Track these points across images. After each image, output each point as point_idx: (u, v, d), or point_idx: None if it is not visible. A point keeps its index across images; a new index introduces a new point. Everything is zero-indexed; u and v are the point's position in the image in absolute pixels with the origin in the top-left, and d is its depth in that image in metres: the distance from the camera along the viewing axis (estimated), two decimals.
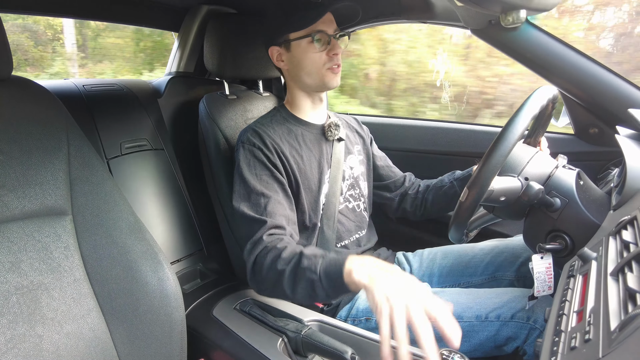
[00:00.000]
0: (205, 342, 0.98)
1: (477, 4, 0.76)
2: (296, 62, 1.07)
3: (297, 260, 0.85)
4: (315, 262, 0.82)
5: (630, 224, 0.59)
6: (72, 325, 0.74)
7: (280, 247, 0.89)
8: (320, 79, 1.07)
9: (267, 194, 0.98)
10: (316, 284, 0.81)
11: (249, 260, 0.92)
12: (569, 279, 0.62)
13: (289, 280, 0.85)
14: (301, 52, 1.05)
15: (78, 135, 0.82)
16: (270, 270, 0.88)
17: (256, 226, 0.94)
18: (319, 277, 0.81)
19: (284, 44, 1.06)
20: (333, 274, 0.79)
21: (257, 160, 1.01)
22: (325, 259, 0.82)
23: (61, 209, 0.77)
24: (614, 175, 0.99)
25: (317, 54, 1.05)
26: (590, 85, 1.08)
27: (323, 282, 0.80)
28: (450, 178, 1.21)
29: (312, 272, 0.81)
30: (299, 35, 1.04)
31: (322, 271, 0.80)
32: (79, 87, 1.30)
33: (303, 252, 0.85)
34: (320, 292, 0.82)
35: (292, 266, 0.85)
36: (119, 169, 1.23)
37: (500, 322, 0.90)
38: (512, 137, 0.78)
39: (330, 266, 0.80)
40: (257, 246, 0.92)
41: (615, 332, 0.40)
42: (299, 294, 0.85)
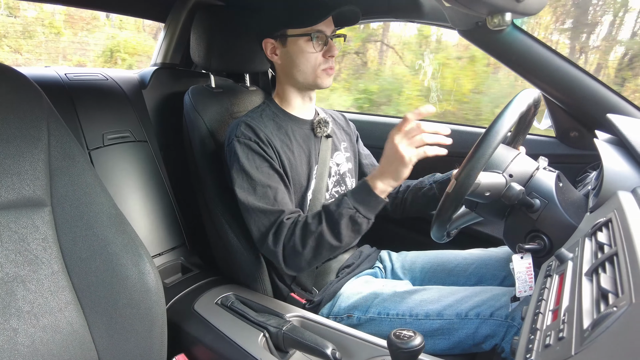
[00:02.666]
0: (186, 337, 0.98)
1: (464, 6, 0.77)
2: (290, 59, 1.06)
3: (325, 212, 0.94)
4: (344, 201, 0.92)
5: (606, 226, 0.61)
6: (49, 318, 0.73)
7: (300, 220, 0.96)
8: (313, 79, 1.07)
9: (272, 185, 1.00)
10: (356, 215, 0.92)
11: (277, 248, 0.96)
12: (546, 278, 0.64)
13: (330, 233, 0.92)
14: (297, 49, 1.04)
15: (59, 125, 0.80)
16: (307, 238, 0.93)
17: (273, 217, 0.97)
18: (354, 209, 0.91)
19: (280, 38, 1.05)
20: (367, 197, 0.92)
21: (255, 153, 1.01)
22: (349, 194, 0.93)
23: (40, 200, 0.75)
24: (592, 178, 1.01)
25: (314, 54, 1.04)
26: (572, 90, 1.11)
27: (361, 210, 0.92)
28: (430, 180, 1.23)
29: (348, 207, 0.91)
30: (298, 33, 1.03)
31: (355, 202, 0.92)
32: (60, 76, 1.27)
33: (325, 204, 0.95)
34: (362, 220, 0.93)
35: (326, 219, 0.93)
36: (101, 160, 1.21)
37: (480, 319, 0.92)
38: (499, 131, 0.79)
39: (357, 193, 0.93)
40: (280, 232, 0.96)
41: (588, 330, 0.41)
42: (345, 235, 0.93)
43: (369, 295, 1.04)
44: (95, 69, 1.44)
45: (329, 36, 1.05)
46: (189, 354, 0.97)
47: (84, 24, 6.38)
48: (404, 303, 0.99)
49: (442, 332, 0.95)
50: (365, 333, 0.91)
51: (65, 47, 6.16)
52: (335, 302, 1.07)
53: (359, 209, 0.91)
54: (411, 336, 0.66)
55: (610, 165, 0.75)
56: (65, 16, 6.18)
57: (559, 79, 1.10)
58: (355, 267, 1.17)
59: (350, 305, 1.04)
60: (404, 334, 0.67)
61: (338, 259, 1.17)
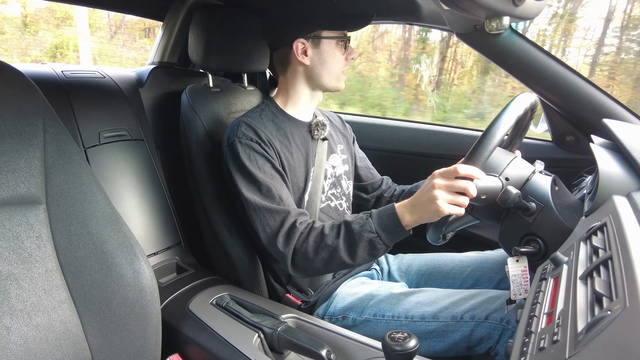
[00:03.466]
0: (180, 337, 0.97)
1: (462, 9, 0.77)
2: (322, 60, 1.07)
3: (346, 229, 0.91)
4: (367, 223, 0.90)
5: (601, 230, 0.61)
6: (42, 317, 0.72)
7: (317, 227, 0.95)
8: (336, 80, 1.11)
9: (275, 185, 1.00)
10: (375, 240, 0.89)
11: (287, 250, 0.95)
12: (541, 281, 0.64)
13: (345, 250, 0.91)
14: (330, 51, 1.07)
15: (55, 122, 0.80)
16: (321, 249, 0.92)
17: (280, 217, 0.96)
18: (377, 234, 0.88)
19: (312, 39, 1.06)
20: (391, 225, 0.89)
21: (257, 153, 1.01)
22: (374, 217, 0.91)
23: (35, 198, 0.75)
24: (587, 182, 1.02)
25: (341, 57, 1.08)
26: (568, 95, 1.11)
27: (382, 237, 0.89)
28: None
29: (369, 231, 0.89)
30: (333, 35, 1.06)
31: (378, 227, 0.89)
32: (57, 73, 1.27)
33: (347, 221, 0.92)
34: (381, 247, 0.90)
35: (344, 236, 0.91)
36: (97, 158, 1.20)
37: (475, 322, 0.92)
38: (496, 134, 0.80)
39: (384, 219, 0.90)
40: (293, 235, 0.95)
41: (582, 333, 0.41)
42: (360, 257, 0.91)
43: (365, 297, 1.04)
44: (93, 67, 1.43)
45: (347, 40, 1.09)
46: (183, 354, 0.96)
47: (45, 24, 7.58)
48: (400, 305, 1.00)
49: (437, 335, 0.95)
50: (360, 334, 0.91)
51: (28, 43, 7.22)
52: (331, 303, 1.07)
53: (381, 235, 0.89)
54: (406, 338, 0.66)
55: (605, 170, 0.76)
56: (30, 17, 7.39)
57: (556, 84, 1.11)
58: (351, 268, 1.17)
59: (345, 306, 1.04)
60: (399, 336, 0.67)
61: None
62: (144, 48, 8.15)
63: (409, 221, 0.88)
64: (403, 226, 0.88)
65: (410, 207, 0.88)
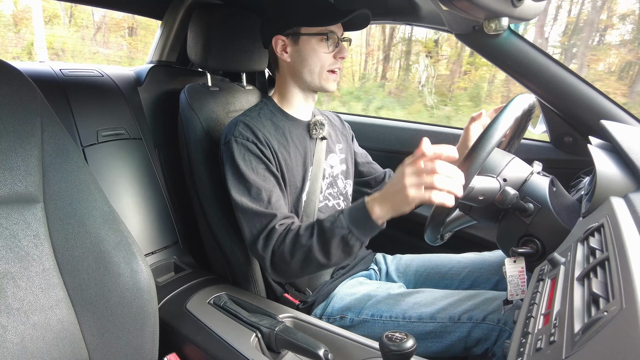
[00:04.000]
0: (177, 336, 0.97)
1: (461, 10, 0.77)
2: (302, 58, 1.05)
3: (318, 228, 0.89)
4: (338, 219, 0.88)
5: (598, 231, 0.61)
6: (39, 316, 0.72)
7: (293, 228, 0.93)
8: (319, 80, 1.07)
9: (267, 187, 0.99)
10: (348, 237, 0.87)
11: (266, 253, 0.94)
12: (538, 282, 0.64)
13: (320, 248, 0.89)
14: (310, 48, 1.04)
15: (52, 121, 0.80)
16: (296, 250, 0.91)
17: (265, 220, 0.96)
18: (348, 229, 0.86)
19: (292, 35, 1.04)
20: (362, 220, 0.86)
21: (252, 154, 1.00)
22: (345, 213, 0.88)
23: (32, 196, 0.75)
24: (585, 183, 1.02)
25: (326, 54, 1.05)
26: (566, 96, 1.11)
27: (354, 231, 0.86)
28: None
29: (341, 227, 0.86)
30: (313, 32, 1.03)
31: (349, 223, 0.86)
32: (55, 71, 1.26)
33: (319, 220, 0.90)
34: (354, 243, 0.87)
35: (317, 235, 0.89)
36: (95, 157, 1.20)
37: (472, 323, 0.92)
38: (494, 135, 0.80)
39: (354, 215, 0.87)
40: (271, 237, 0.94)
41: (579, 334, 0.41)
42: (335, 255, 0.89)
43: (363, 297, 1.04)
44: (91, 65, 1.43)
45: (340, 38, 1.06)
46: (180, 353, 0.96)
47: (26, 22, 8.03)
48: (398, 305, 1.00)
49: (434, 335, 0.95)
50: (357, 335, 0.91)
51: (11, 40, 7.76)
52: (329, 302, 1.07)
53: (352, 231, 0.86)
54: (403, 338, 0.66)
55: (603, 171, 0.76)
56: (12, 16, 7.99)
57: (554, 85, 1.11)
58: (350, 268, 1.17)
59: (343, 306, 1.04)
60: (396, 336, 0.67)
61: None
62: (120, 46, 9.09)
63: (379, 214, 0.84)
64: (373, 220, 0.84)
65: (380, 199, 0.84)
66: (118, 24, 9.19)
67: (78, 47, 8.71)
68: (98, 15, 9.01)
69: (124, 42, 9.17)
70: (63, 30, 8.87)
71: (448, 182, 0.75)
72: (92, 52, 8.78)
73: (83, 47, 8.82)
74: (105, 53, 8.79)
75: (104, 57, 8.71)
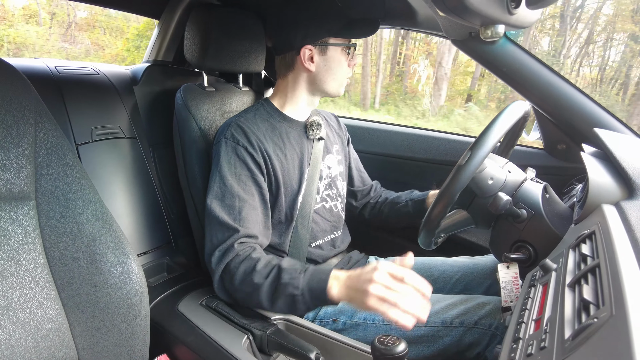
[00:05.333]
0: (168, 337, 0.96)
1: (458, 16, 0.78)
2: (328, 67, 1.07)
3: (275, 275, 0.88)
4: (297, 278, 0.86)
5: (589, 238, 0.62)
6: (28, 315, 0.71)
7: (254, 258, 0.91)
8: (340, 86, 1.11)
9: (242, 197, 0.97)
10: (298, 299, 0.85)
11: (218, 268, 0.93)
12: (529, 288, 0.64)
13: (267, 294, 0.88)
14: (337, 58, 1.07)
15: (46, 118, 0.79)
16: (244, 283, 0.90)
17: (227, 233, 0.94)
18: (301, 293, 0.85)
19: (320, 45, 1.05)
20: (316, 291, 0.84)
21: (238, 158, 1.00)
22: (307, 275, 0.86)
23: (24, 194, 0.74)
24: (577, 191, 1.03)
25: (346, 64, 1.09)
26: (560, 103, 1.12)
27: (306, 297, 0.85)
28: (407, 197, 1.26)
29: (294, 287, 0.85)
30: (340, 42, 1.06)
31: (305, 287, 0.85)
32: (50, 69, 1.25)
33: (281, 267, 0.88)
34: (301, 307, 0.87)
35: (271, 280, 0.87)
36: (89, 155, 1.19)
37: (464, 327, 0.92)
38: (489, 141, 0.80)
39: (313, 282, 0.86)
40: (227, 254, 0.92)
41: (569, 340, 0.42)
42: (278, 307, 0.89)
43: None
44: (87, 63, 1.42)
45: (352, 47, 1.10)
46: (171, 354, 0.96)
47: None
48: None
49: (426, 339, 0.95)
50: (350, 338, 0.91)
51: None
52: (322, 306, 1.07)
53: (305, 295, 0.85)
54: (395, 342, 0.66)
55: (595, 179, 0.76)
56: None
57: (549, 92, 1.12)
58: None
59: (336, 309, 1.04)
60: (388, 340, 0.67)
61: (327, 264, 1.17)
62: (83, 43, 10.36)
63: (335, 295, 0.83)
64: (327, 297, 0.83)
65: (342, 283, 0.84)
66: (89, 23, 10.53)
67: (42, 43, 9.72)
68: (82, 14, 9.96)
69: (87, 40, 10.49)
70: (35, 28, 9.96)
71: (413, 306, 0.75)
72: (57, 48, 9.89)
73: (46, 43, 9.89)
74: (68, 48, 9.97)
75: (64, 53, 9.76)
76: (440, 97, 10.50)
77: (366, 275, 0.79)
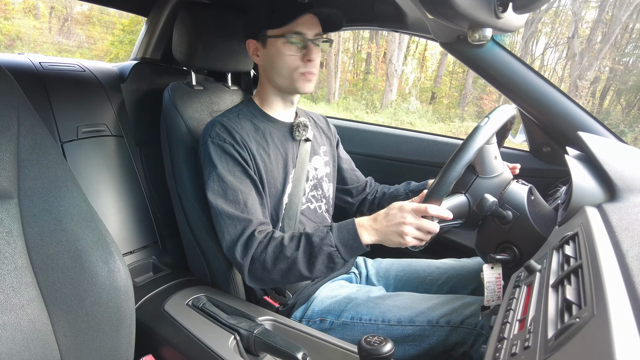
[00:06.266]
0: (154, 338, 0.95)
1: (446, 19, 0.78)
2: (270, 61, 1.05)
3: (306, 241, 0.91)
4: (328, 237, 0.91)
5: (572, 239, 0.63)
6: (9, 315, 0.70)
7: (276, 237, 0.94)
8: (291, 82, 1.04)
9: (243, 190, 0.98)
10: (334, 254, 0.90)
11: (245, 260, 0.94)
12: (514, 289, 0.65)
13: (304, 262, 0.91)
14: (275, 51, 1.02)
15: (30, 115, 0.78)
16: (279, 260, 0.92)
17: (240, 225, 0.95)
18: (336, 248, 0.90)
19: (261, 39, 1.04)
20: (349, 241, 0.90)
21: (228, 155, 0.99)
22: (334, 231, 0.91)
23: (5, 192, 0.72)
24: (562, 193, 1.04)
25: (291, 57, 1.01)
26: (546, 107, 1.14)
27: (341, 251, 0.90)
28: (406, 189, 1.26)
29: (329, 245, 0.90)
30: (275, 34, 1.01)
31: (338, 242, 0.90)
32: (34, 64, 1.23)
33: (308, 233, 0.92)
34: (339, 260, 0.91)
35: (304, 248, 0.91)
36: (74, 153, 1.18)
37: (450, 327, 0.93)
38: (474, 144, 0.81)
39: (343, 234, 0.91)
40: (251, 245, 0.94)
41: (552, 340, 0.42)
42: (318, 270, 0.92)
43: (343, 300, 1.04)
44: (72, 60, 1.40)
45: (310, 39, 1.01)
46: (157, 355, 0.95)
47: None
48: (377, 308, 1.00)
49: (413, 339, 0.96)
50: (337, 338, 0.91)
51: None
52: (309, 305, 1.07)
53: (339, 250, 0.90)
54: (382, 342, 0.67)
55: (579, 181, 0.78)
56: None
57: (535, 96, 1.14)
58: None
59: (323, 309, 1.04)
60: (375, 340, 0.67)
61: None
62: (78, 37, 10.90)
63: (368, 241, 0.90)
64: (361, 243, 0.90)
65: (372, 230, 0.90)
66: (87, 17, 11.00)
67: (36, 35, 10.08)
68: (79, 8, 10.27)
69: (82, 34, 11.04)
70: (33, 21, 10.36)
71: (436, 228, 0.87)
72: (51, 41, 10.34)
73: (41, 36, 10.35)
74: (62, 42, 10.46)
75: (58, 46, 10.19)
76: (392, 93, 10.92)
77: (395, 218, 0.88)
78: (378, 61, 12.79)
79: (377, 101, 11.07)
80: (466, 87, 11.83)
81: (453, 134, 8.72)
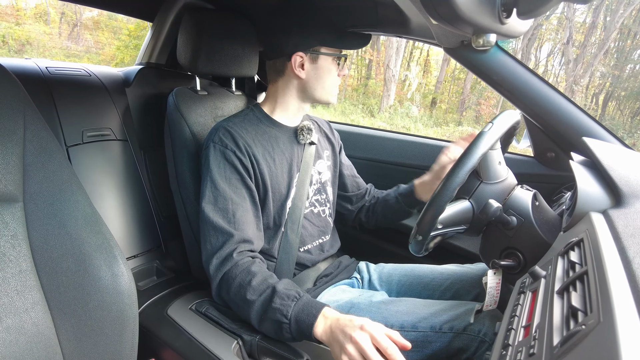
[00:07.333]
0: (157, 342, 0.95)
1: (450, 25, 0.79)
2: (317, 75, 1.08)
3: (268, 296, 0.86)
4: (288, 306, 0.84)
5: (578, 245, 0.63)
6: (14, 319, 0.70)
7: (252, 271, 0.90)
8: (330, 95, 1.11)
9: (235, 200, 0.97)
10: (284, 327, 0.84)
11: (217, 275, 0.93)
12: (519, 295, 0.65)
13: (256, 314, 0.87)
14: (326, 67, 1.08)
15: (36, 119, 0.78)
16: (238, 296, 0.89)
17: (222, 238, 0.94)
18: (289, 322, 0.83)
19: (311, 53, 1.06)
20: (303, 324, 0.82)
21: (227, 162, 0.99)
22: (298, 305, 0.84)
23: (11, 195, 0.73)
24: (566, 198, 1.04)
25: (336, 73, 1.10)
26: (550, 112, 1.14)
27: (292, 327, 0.83)
28: (395, 193, 1.26)
29: (283, 315, 0.84)
30: (331, 52, 1.07)
31: (294, 318, 0.83)
32: (41, 69, 1.24)
33: (276, 289, 0.86)
34: (287, 335, 0.85)
35: (263, 301, 0.86)
36: (79, 157, 1.18)
37: (453, 333, 0.93)
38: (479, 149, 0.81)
39: (302, 315, 0.83)
40: (226, 263, 0.92)
41: (557, 347, 0.42)
42: (265, 328, 0.88)
43: (345, 305, 1.04)
44: (78, 64, 1.41)
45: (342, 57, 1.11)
46: (159, 359, 0.94)
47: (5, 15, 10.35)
48: (379, 313, 1.00)
49: (416, 345, 0.95)
50: None
51: None
52: None
53: (291, 325, 0.84)
54: None
55: (583, 187, 0.77)
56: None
57: (539, 101, 1.13)
58: (333, 276, 1.17)
59: None
60: None
61: (316, 268, 1.17)
62: (87, 42, 11.36)
63: (318, 334, 0.82)
64: (312, 332, 0.82)
65: (327, 327, 0.81)
66: (96, 22, 11.42)
67: (46, 40, 10.55)
68: (88, 14, 10.62)
69: (90, 38, 11.53)
70: (44, 27, 10.76)
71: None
72: (60, 46, 10.77)
73: (50, 41, 10.79)
74: (71, 47, 10.91)
75: (67, 51, 10.58)
76: (390, 98, 11.03)
77: (351, 329, 0.77)
78: (378, 67, 12.95)
79: (375, 106, 11.22)
80: (464, 92, 11.92)
81: (448, 138, 8.88)
